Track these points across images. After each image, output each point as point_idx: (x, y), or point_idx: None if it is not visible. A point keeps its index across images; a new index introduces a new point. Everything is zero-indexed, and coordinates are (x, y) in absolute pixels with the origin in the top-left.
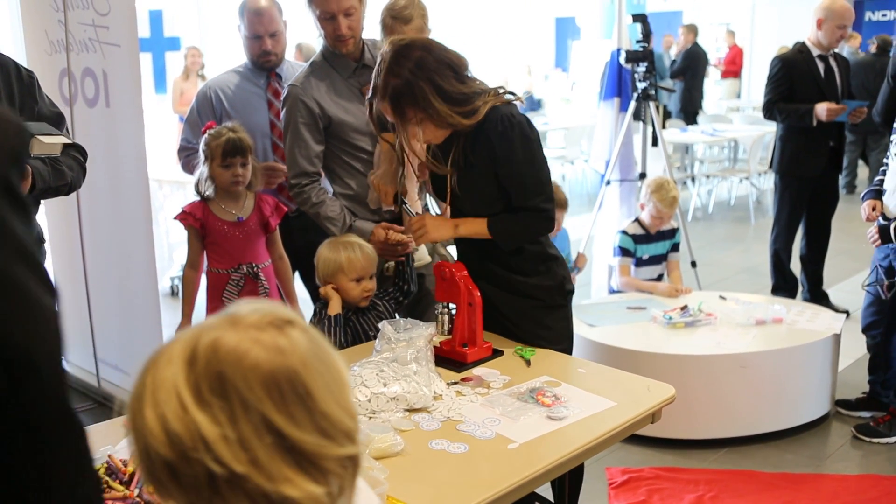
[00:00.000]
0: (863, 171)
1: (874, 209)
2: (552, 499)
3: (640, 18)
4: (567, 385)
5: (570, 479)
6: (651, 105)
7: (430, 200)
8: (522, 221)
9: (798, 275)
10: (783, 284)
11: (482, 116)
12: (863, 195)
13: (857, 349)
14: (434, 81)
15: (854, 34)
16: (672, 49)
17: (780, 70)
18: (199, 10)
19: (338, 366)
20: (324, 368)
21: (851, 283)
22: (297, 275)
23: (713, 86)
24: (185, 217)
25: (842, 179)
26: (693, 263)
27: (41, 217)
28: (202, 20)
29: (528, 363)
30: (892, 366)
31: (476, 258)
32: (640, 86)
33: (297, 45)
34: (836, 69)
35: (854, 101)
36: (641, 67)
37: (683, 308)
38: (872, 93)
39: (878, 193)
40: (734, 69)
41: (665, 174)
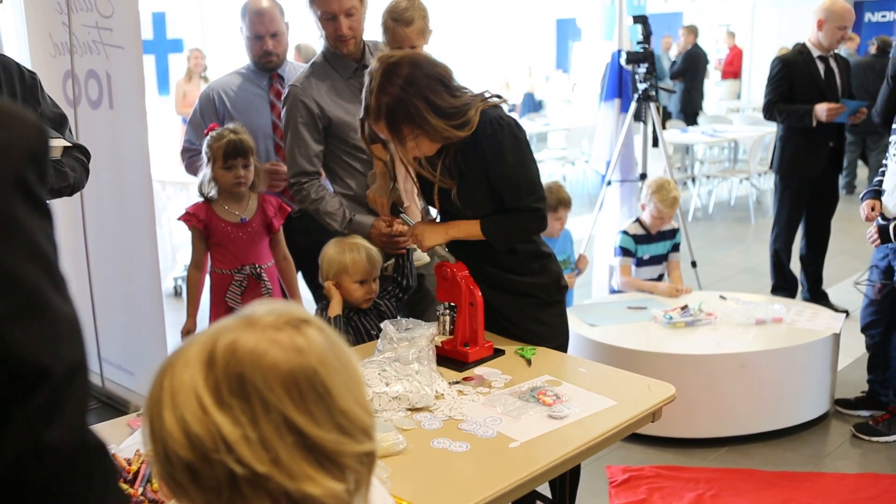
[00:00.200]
0: (862, 172)
1: (873, 209)
2: (550, 496)
3: (641, 20)
4: (568, 384)
5: (570, 478)
6: (651, 106)
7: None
8: (515, 221)
9: (798, 274)
10: (783, 284)
11: (475, 126)
12: (862, 195)
13: (857, 348)
14: (427, 98)
15: (852, 35)
16: (671, 50)
17: (781, 71)
18: (202, 13)
19: (354, 363)
20: (341, 366)
21: (851, 283)
22: (300, 275)
23: (713, 87)
24: (189, 218)
25: (841, 180)
26: (693, 263)
27: None
28: (205, 22)
29: (529, 363)
30: (891, 365)
31: (470, 260)
32: (641, 87)
33: (297, 46)
34: (837, 70)
35: (854, 102)
36: (642, 68)
37: (684, 308)
38: (872, 94)
39: (878, 194)
40: (734, 70)
41: (665, 175)
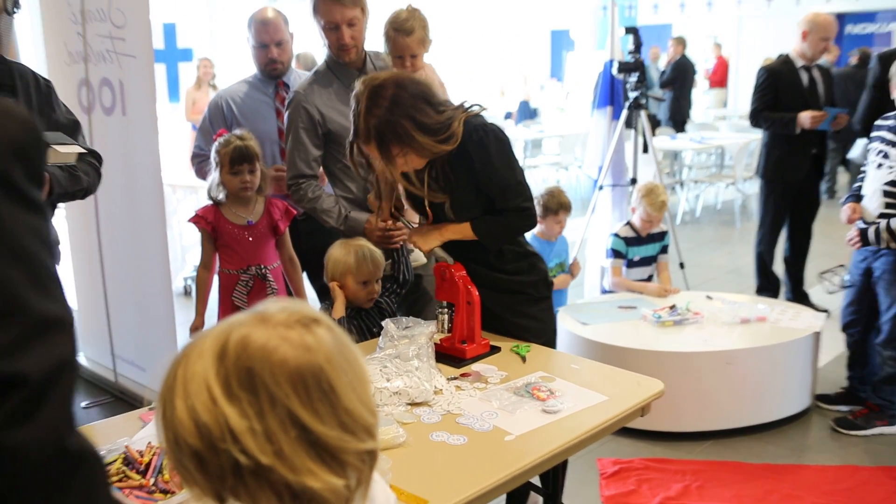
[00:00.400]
0: (843, 178)
1: (854, 212)
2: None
3: (632, 31)
4: (561, 380)
5: (561, 469)
6: (642, 113)
7: None
8: (506, 222)
9: (781, 276)
10: (767, 285)
11: (460, 137)
12: (843, 199)
13: (837, 346)
14: (413, 117)
15: (832, 47)
16: (659, 60)
17: (766, 80)
18: (211, 24)
19: (360, 363)
20: (347, 366)
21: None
22: (305, 275)
23: (701, 95)
24: (198, 220)
25: (823, 185)
26: (681, 265)
27: (60, 220)
28: (214, 33)
29: (524, 359)
30: (870, 362)
31: (462, 261)
32: (632, 95)
33: (296, 55)
34: (819, 79)
35: (835, 109)
36: (633, 78)
37: (672, 307)
38: (853, 103)
39: (858, 198)
40: (720, 79)
41: (655, 179)
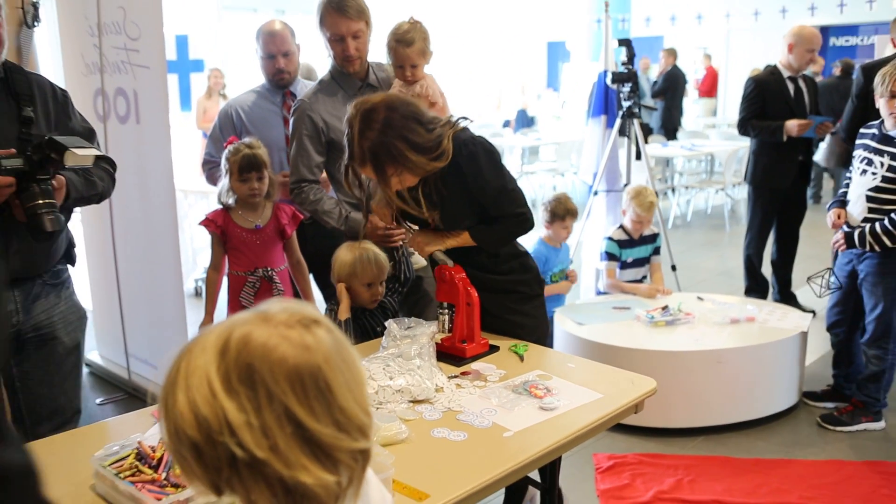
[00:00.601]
0: (828, 184)
1: (839, 217)
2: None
3: (625, 43)
4: (558, 378)
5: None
6: (635, 122)
7: None
8: (503, 228)
9: (769, 277)
10: (755, 286)
11: (451, 154)
12: (828, 205)
13: (823, 346)
14: (406, 138)
15: (818, 58)
16: (649, 71)
17: (754, 90)
18: (222, 36)
19: (357, 365)
20: (345, 367)
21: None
22: (312, 277)
23: (691, 105)
24: (208, 223)
25: (809, 191)
26: (673, 267)
27: (76, 224)
28: (224, 45)
29: (522, 358)
30: (854, 361)
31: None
32: (625, 104)
33: None
34: (805, 89)
35: (819, 117)
36: (626, 87)
37: (664, 308)
38: (837, 112)
39: (843, 203)
40: (710, 89)
41: (647, 185)
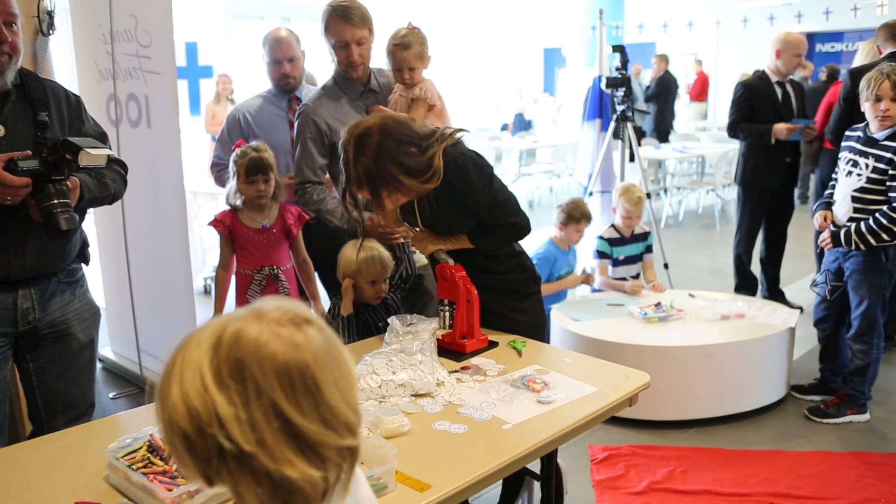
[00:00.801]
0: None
1: (825, 219)
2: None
3: (619, 49)
4: (554, 373)
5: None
6: (628, 125)
7: None
8: (499, 235)
9: (758, 275)
10: (745, 284)
11: (443, 172)
12: (815, 207)
13: (810, 341)
14: (399, 162)
15: (807, 63)
16: (641, 76)
17: (743, 94)
18: (230, 43)
19: (348, 365)
20: (333, 365)
21: (805, 283)
22: (317, 274)
23: (683, 108)
24: (217, 224)
25: (797, 191)
26: (666, 265)
27: (90, 224)
28: (232, 51)
29: (520, 354)
30: (840, 355)
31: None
32: (619, 108)
33: None
34: (792, 93)
35: (804, 119)
36: (620, 92)
37: (657, 305)
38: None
39: (829, 205)
40: (701, 93)
41: (640, 185)
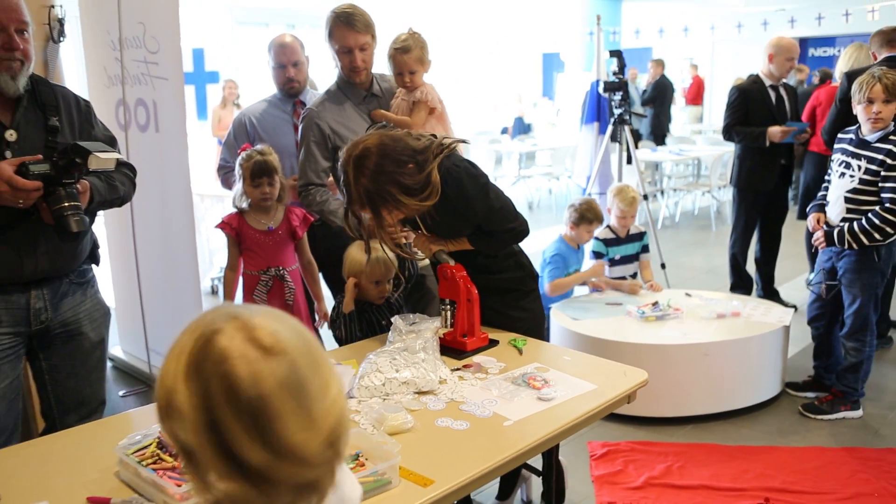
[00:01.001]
0: None
1: (819, 221)
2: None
3: (616, 54)
4: (554, 371)
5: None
6: (625, 128)
7: None
8: (498, 239)
9: (753, 275)
10: (740, 283)
11: (440, 187)
12: (808, 209)
13: (804, 339)
14: (398, 182)
15: (802, 66)
16: (637, 80)
17: (738, 98)
18: (236, 49)
19: (316, 396)
20: (293, 399)
21: (799, 282)
22: (321, 275)
23: (679, 112)
24: (224, 226)
25: (791, 192)
26: (662, 265)
27: (100, 226)
28: (238, 57)
29: (521, 352)
30: (834, 353)
31: None
32: (616, 112)
33: None
34: (786, 97)
35: (796, 123)
36: (617, 96)
37: (654, 304)
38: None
39: (822, 208)
40: (696, 97)
41: (637, 188)
